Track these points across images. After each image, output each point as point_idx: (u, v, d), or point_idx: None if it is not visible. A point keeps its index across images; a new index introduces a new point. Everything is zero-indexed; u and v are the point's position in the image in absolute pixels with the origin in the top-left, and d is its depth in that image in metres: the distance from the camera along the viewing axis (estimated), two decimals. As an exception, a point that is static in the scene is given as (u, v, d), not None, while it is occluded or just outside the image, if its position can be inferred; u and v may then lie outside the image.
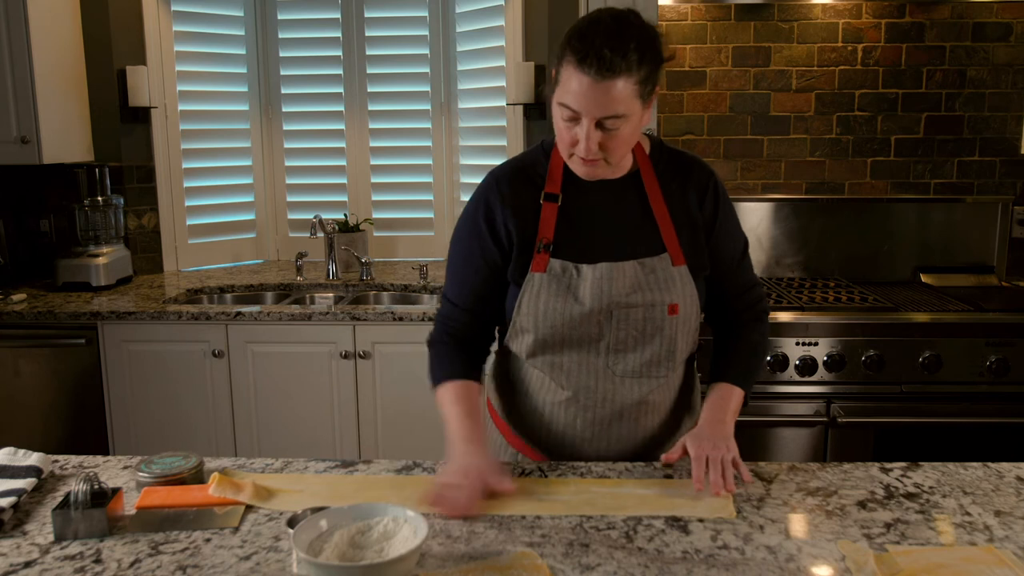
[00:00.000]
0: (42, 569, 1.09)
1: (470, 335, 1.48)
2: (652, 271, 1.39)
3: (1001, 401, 2.54)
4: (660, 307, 1.39)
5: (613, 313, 1.38)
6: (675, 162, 1.46)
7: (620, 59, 1.22)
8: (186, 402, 2.73)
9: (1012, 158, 3.12)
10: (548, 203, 1.41)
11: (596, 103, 1.24)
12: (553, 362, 1.42)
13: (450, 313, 1.48)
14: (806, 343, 2.54)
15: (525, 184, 1.43)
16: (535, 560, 1.09)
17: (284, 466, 1.41)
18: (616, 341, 1.40)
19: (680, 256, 1.41)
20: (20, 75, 2.79)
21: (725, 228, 1.47)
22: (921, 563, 1.08)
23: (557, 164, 1.43)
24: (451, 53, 3.40)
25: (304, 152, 3.53)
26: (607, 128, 1.28)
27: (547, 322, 1.39)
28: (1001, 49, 3.06)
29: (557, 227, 1.40)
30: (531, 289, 1.40)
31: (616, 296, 1.38)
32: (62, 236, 3.23)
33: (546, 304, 1.39)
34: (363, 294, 3.12)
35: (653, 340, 1.40)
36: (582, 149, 1.29)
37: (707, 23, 3.07)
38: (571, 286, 1.38)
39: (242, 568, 1.09)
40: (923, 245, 3.11)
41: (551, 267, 1.39)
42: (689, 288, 1.41)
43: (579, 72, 1.23)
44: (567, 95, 1.26)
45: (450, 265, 1.49)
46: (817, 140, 3.15)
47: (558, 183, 1.42)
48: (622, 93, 1.24)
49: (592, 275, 1.38)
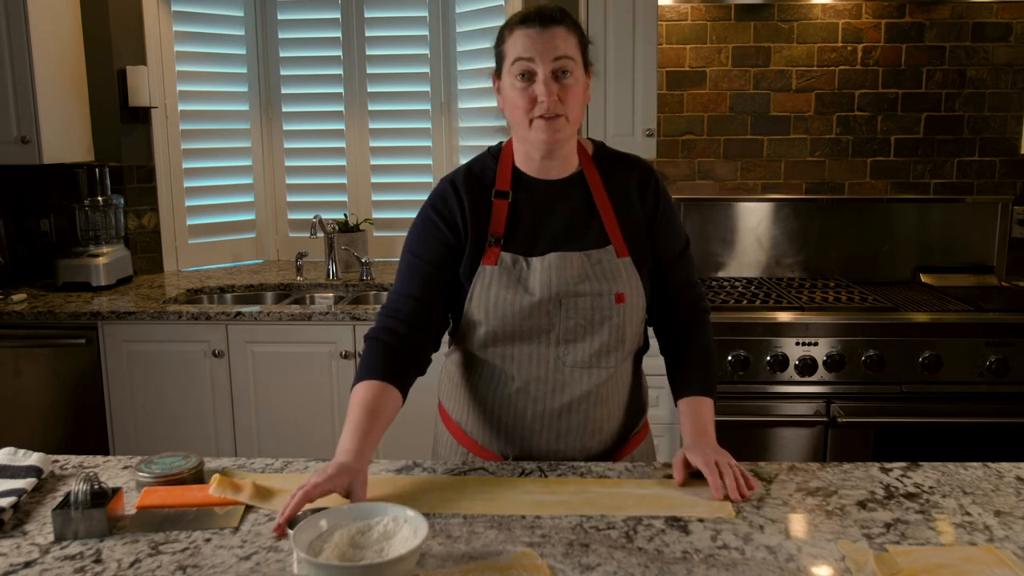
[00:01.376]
0: (42, 569, 1.09)
1: (408, 336, 1.43)
2: (598, 262, 1.44)
3: (1001, 401, 2.54)
4: (607, 296, 1.43)
5: (562, 302, 1.42)
6: (617, 161, 1.53)
7: (558, 13, 1.40)
8: (186, 402, 2.73)
9: (1012, 158, 3.13)
10: (499, 200, 1.48)
11: (546, 46, 1.37)
12: (504, 353, 1.45)
13: (393, 311, 1.46)
14: (806, 343, 2.54)
15: (476, 184, 1.49)
16: (535, 560, 1.09)
17: (284, 466, 1.41)
18: (566, 331, 1.43)
19: (624, 248, 1.46)
20: (20, 75, 2.79)
21: (665, 223, 1.52)
22: (921, 563, 1.08)
23: (506, 164, 1.50)
24: (451, 53, 3.40)
25: (304, 152, 3.53)
26: (561, 78, 1.38)
27: (497, 313, 1.42)
28: (1001, 49, 3.06)
29: (507, 222, 1.46)
30: (482, 281, 1.44)
31: (564, 285, 1.42)
32: (62, 236, 3.23)
33: (497, 295, 1.43)
34: (363, 294, 3.12)
35: (602, 329, 1.43)
36: (543, 103, 1.37)
37: (707, 23, 3.08)
38: (521, 277, 1.43)
39: (242, 568, 1.09)
40: (923, 245, 3.11)
41: (501, 260, 1.44)
42: (634, 279, 1.45)
43: (524, 28, 1.38)
44: (518, 50, 1.38)
45: (400, 266, 1.50)
46: (817, 140, 3.15)
47: (507, 181, 1.49)
48: (566, 41, 1.38)
49: (541, 266, 1.43)
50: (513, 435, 1.49)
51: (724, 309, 2.63)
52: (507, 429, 1.49)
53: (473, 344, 1.48)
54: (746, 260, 3.15)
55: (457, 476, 1.37)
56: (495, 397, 1.49)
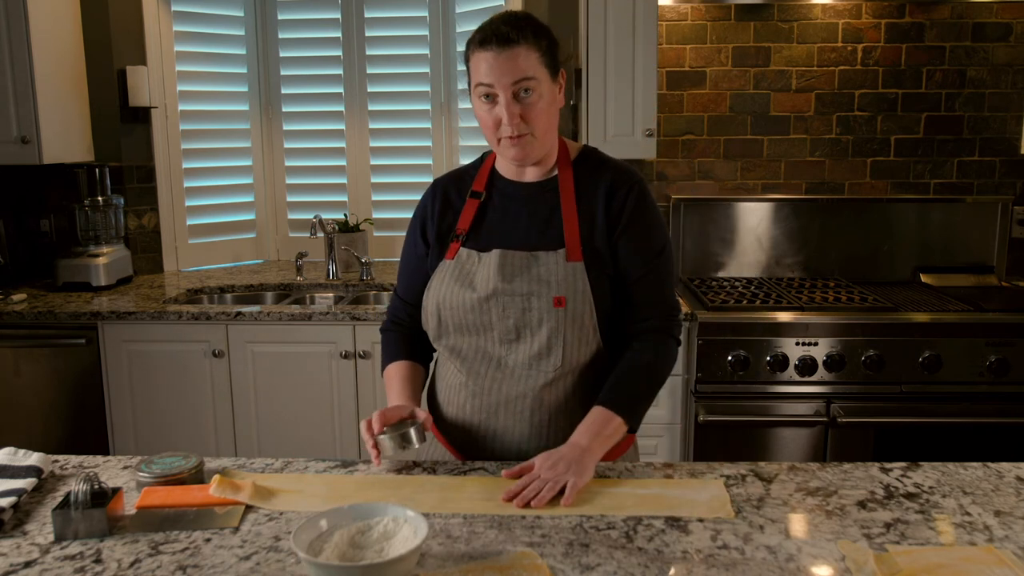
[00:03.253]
0: (42, 569, 1.09)
1: (413, 326, 1.58)
2: (544, 264, 1.43)
3: (1001, 401, 2.54)
4: (544, 298, 1.41)
5: (498, 299, 1.43)
6: (599, 166, 1.51)
7: (516, 31, 1.37)
8: (186, 402, 2.73)
9: (1012, 158, 3.13)
10: (472, 199, 1.53)
11: (503, 70, 1.37)
12: (453, 346, 1.48)
13: (396, 305, 1.63)
14: (806, 343, 2.54)
15: (458, 186, 1.57)
16: (535, 560, 1.09)
17: (284, 466, 1.41)
18: (505, 330, 1.43)
19: (578, 252, 1.43)
20: (20, 75, 2.79)
21: (633, 231, 1.45)
22: (921, 563, 1.08)
23: (487, 167, 1.55)
24: (451, 53, 3.40)
25: (304, 152, 3.53)
26: (522, 99, 1.39)
27: (446, 305, 1.46)
28: (1001, 49, 3.06)
29: (474, 220, 1.50)
30: (439, 275, 1.49)
31: (502, 282, 1.42)
32: (62, 236, 3.23)
33: (447, 288, 1.46)
34: (363, 294, 3.12)
35: (540, 331, 1.42)
36: (506, 125, 1.39)
37: (707, 23, 3.08)
38: (469, 272, 1.46)
39: (242, 568, 1.09)
40: (923, 245, 3.12)
41: (459, 255, 1.49)
42: (581, 284, 1.41)
43: (483, 51, 1.39)
44: (479, 75, 1.40)
45: (400, 263, 1.64)
46: (817, 140, 3.15)
47: (483, 183, 1.54)
48: (526, 60, 1.37)
49: (486, 261, 1.45)
50: (459, 427, 1.51)
51: (724, 309, 2.63)
52: (454, 421, 1.52)
53: (431, 336, 1.52)
54: (746, 260, 3.15)
55: (457, 476, 1.37)
56: (447, 388, 1.53)
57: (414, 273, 1.57)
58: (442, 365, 1.57)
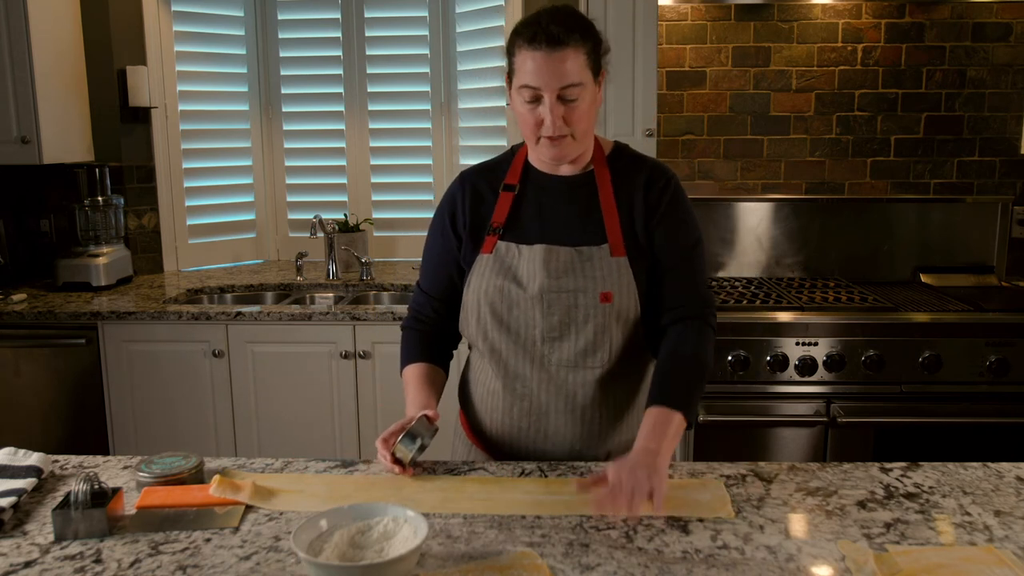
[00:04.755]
0: (42, 569, 1.09)
1: (437, 323, 1.56)
2: (589, 259, 1.43)
3: (1001, 401, 2.54)
4: (591, 294, 1.41)
5: (544, 296, 1.41)
6: (634, 163, 1.51)
7: (566, 32, 1.34)
8: (186, 402, 2.73)
9: (1012, 158, 3.13)
10: (505, 192, 1.50)
11: (552, 74, 1.34)
12: (493, 347, 1.46)
13: (420, 300, 1.59)
14: (806, 343, 2.54)
15: (488, 179, 1.53)
16: (535, 560, 1.09)
17: (284, 466, 1.41)
18: (549, 327, 1.42)
19: (620, 247, 1.44)
20: (20, 75, 2.79)
21: (672, 226, 1.46)
22: (921, 563, 1.08)
23: (520, 159, 1.54)
24: (451, 53, 3.40)
25: (304, 152, 3.53)
26: (567, 100, 1.36)
27: (487, 300, 1.44)
28: (1001, 49, 3.06)
29: (509, 213, 1.48)
30: (478, 269, 1.46)
31: (548, 278, 1.41)
32: (62, 236, 3.23)
33: (488, 283, 1.44)
34: (363, 294, 3.12)
35: (586, 328, 1.41)
36: (548, 126, 1.37)
37: (707, 23, 3.08)
38: (512, 266, 1.44)
39: (242, 568, 1.09)
40: (923, 245, 3.11)
41: (497, 248, 1.46)
42: (626, 279, 1.42)
43: (531, 51, 1.34)
44: (525, 76, 1.36)
45: (423, 257, 1.60)
46: (817, 140, 3.15)
47: (517, 175, 1.51)
48: (574, 63, 1.34)
49: (529, 255, 1.43)
50: (503, 433, 1.49)
51: (724, 309, 2.63)
52: (498, 427, 1.49)
53: (468, 334, 1.50)
54: (746, 260, 3.15)
55: (457, 476, 1.37)
56: (487, 393, 1.50)
57: (440, 267, 1.55)
58: (477, 368, 1.53)
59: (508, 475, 1.37)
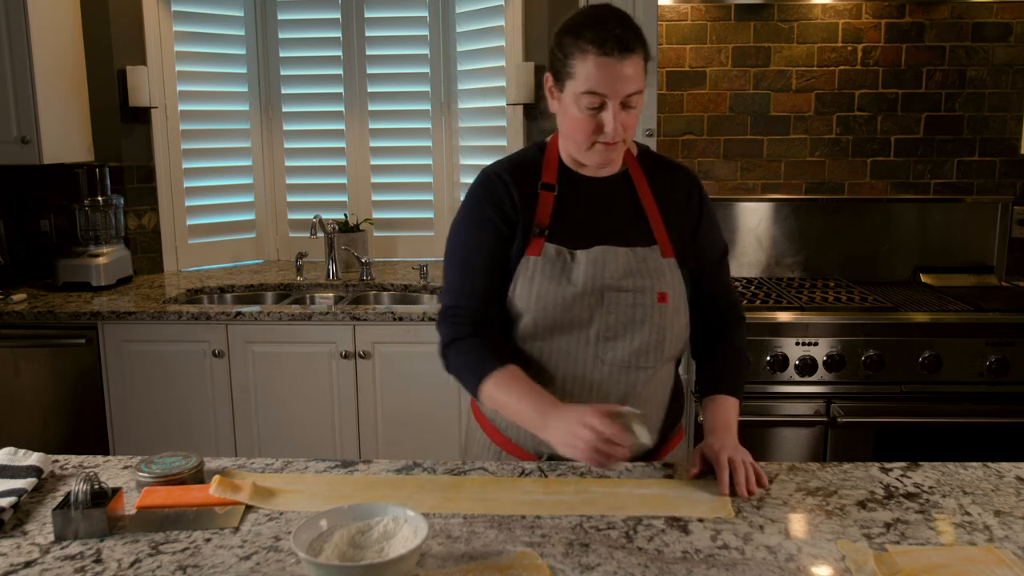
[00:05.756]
0: (42, 569, 1.09)
1: (489, 325, 1.46)
2: (643, 259, 1.44)
3: (1001, 401, 2.54)
4: (650, 294, 1.42)
5: (604, 296, 1.41)
6: (662, 165, 1.54)
7: (634, 38, 1.33)
8: (186, 402, 2.73)
9: (1012, 158, 3.13)
10: (545, 192, 1.47)
11: (622, 81, 1.32)
12: (543, 348, 1.44)
13: (463, 308, 1.46)
14: (806, 343, 2.54)
15: (522, 176, 1.48)
16: (535, 560, 1.09)
17: (284, 466, 1.41)
18: (606, 327, 1.42)
19: (669, 248, 1.46)
20: (20, 75, 2.79)
21: (708, 228, 1.53)
22: (921, 563, 1.08)
23: (552, 158, 1.49)
24: (451, 53, 3.40)
25: (304, 152, 3.53)
26: (629, 106, 1.35)
27: (540, 304, 1.41)
28: (1001, 49, 3.06)
29: (553, 215, 1.45)
30: (526, 272, 1.43)
31: (608, 279, 1.41)
32: (62, 236, 3.23)
33: (540, 286, 1.42)
34: (363, 294, 3.12)
35: (642, 328, 1.42)
36: (610, 132, 1.35)
37: (707, 23, 3.08)
38: (565, 269, 1.42)
39: (242, 568, 1.09)
40: (923, 245, 3.11)
41: (546, 251, 1.43)
42: (678, 280, 1.46)
43: (602, 57, 1.31)
44: (590, 82, 1.32)
45: (455, 262, 1.48)
46: (817, 140, 3.15)
47: (554, 175, 1.48)
48: (638, 69, 1.34)
49: (586, 258, 1.42)
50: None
51: (724, 309, 2.63)
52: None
53: (513, 337, 1.46)
54: (746, 260, 3.15)
55: (457, 476, 1.37)
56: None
57: (493, 266, 1.45)
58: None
59: (508, 475, 1.37)
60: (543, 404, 1.34)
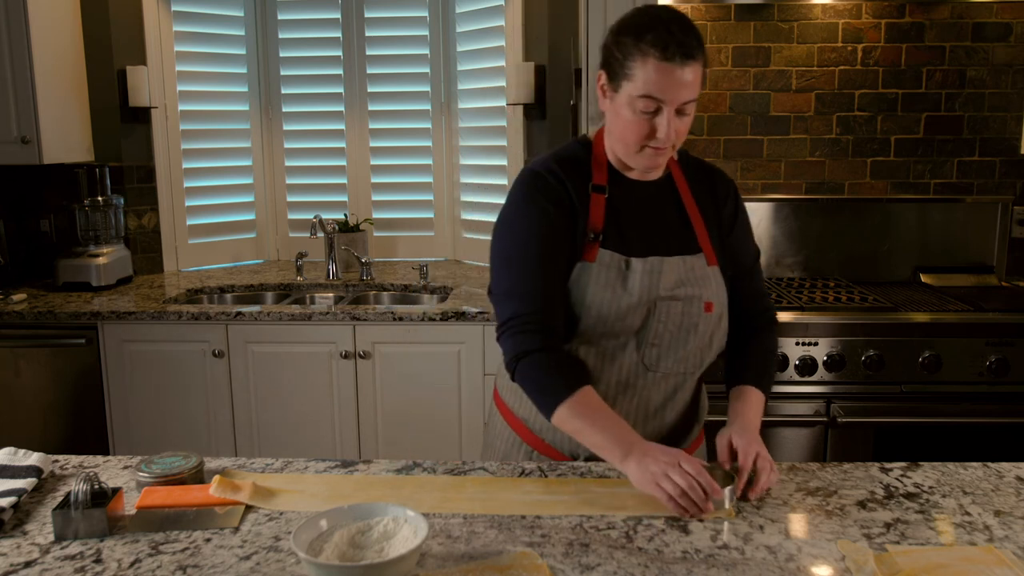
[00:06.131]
0: (42, 569, 1.09)
1: (556, 331, 1.38)
2: (692, 268, 1.43)
3: (1001, 401, 2.54)
4: (698, 303, 1.42)
5: (656, 305, 1.40)
6: (700, 169, 1.53)
7: (696, 43, 1.31)
8: (186, 402, 2.73)
9: (1012, 158, 3.12)
10: (596, 194, 1.43)
11: (682, 88, 1.31)
12: (588, 352, 1.42)
13: (526, 315, 1.37)
14: (806, 343, 2.54)
15: (572, 174, 1.43)
16: (535, 560, 1.09)
17: (284, 466, 1.41)
18: (654, 335, 1.41)
19: (713, 257, 1.46)
20: (20, 75, 2.79)
21: (742, 233, 1.53)
22: (921, 563, 1.08)
23: (601, 158, 1.46)
24: (451, 53, 3.40)
25: (304, 152, 3.53)
26: (683, 113, 1.34)
27: (593, 311, 1.39)
28: (1001, 49, 3.06)
29: (605, 219, 1.42)
30: (581, 278, 1.40)
31: (663, 289, 1.40)
32: (62, 236, 3.23)
33: (594, 294, 1.39)
34: (363, 294, 3.12)
35: (689, 337, 1.43)
36: (663, 138, 1.33)
37: (707, 23, 3.07)
38: (620, 277, 1.40)
39: (242, 568, 1.09)
40: (923, 245, 3.11)
41: (601, 257, 1.40)
42: (721, 288, 1.46)
43: (663, 62, 1.29)
44: (648, 86, 1.30)
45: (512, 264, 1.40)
46: (817, 140, 3.15)
47: (604, 176, 1.44)
48: (697, 77, 1.33)
49: (642, 268, 1.40)
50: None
51: (724, 309, 2.63)
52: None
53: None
54: (746, 260, 3.14)
55: (457, 476, 1.37)
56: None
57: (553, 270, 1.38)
58: None
59: (508, 475, 1.37)
60: (625, 437, 1.28)
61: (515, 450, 1.54)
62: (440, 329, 2.64)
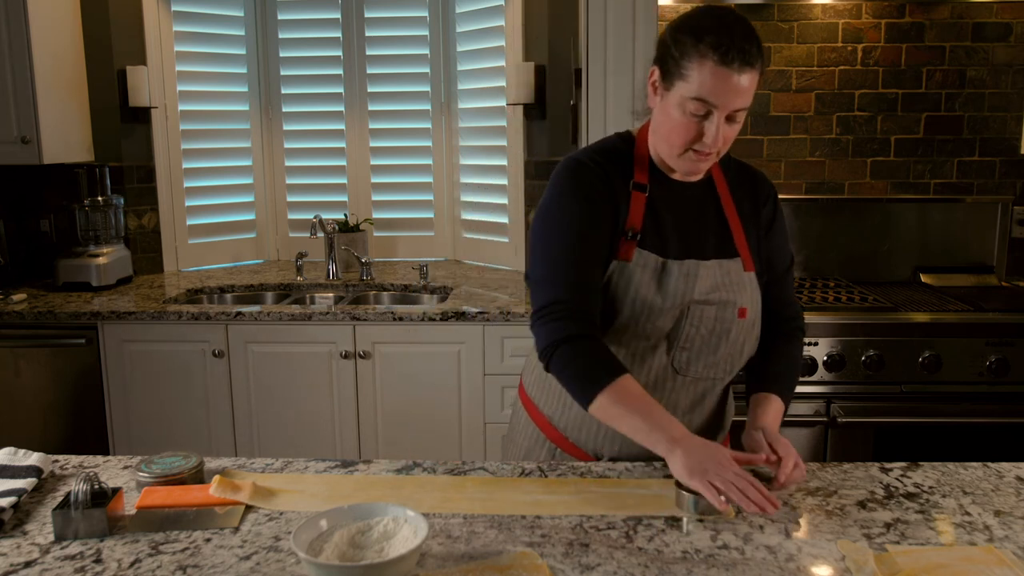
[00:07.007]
0: (42, 569, 1.09)
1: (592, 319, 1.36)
2: (728, 273, 1.42)
3: (1001, 401, 2.54)
4: (732, 308, 1.41)
5: (690, 308, 1.39)
6: (742, 172, 1.51)
7: (756, 50, 1.28)
8: (186, 402, 2.73)
9: (1012, 158, 3.13)
10: (637, 192, 1.40)
11: (737, 95, 1.27)
12: (617, 351, 1.40)
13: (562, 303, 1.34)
14: (806, 343, 2.54)
15: (614, 168, 1.41)
16: (535, 560, 1.09)
17: (284, 466, 1.41)
18: (686, 339, 1.40)
19: (750, 262, 1.45)
20: (20, 75, 2.79)
21: (778, 239, 1.51)
22: (921, 563, 1.08)
23: (643, 155, 1.43)
24: (451, 53, 3.40)
25: (304, 152, 3.53)
26: (733, 120, 1.31)
27: (625, 311, 1.38)
28: (1001, 49, 3.06)
29: (644, 218, 1.40)
30: (617, 277, 1.38)
31: (697, 293, 1.39)
32: (62, 236, 3.23)
33: (627, 293, 1.38)
34: (363, 294, 3.12)
35: (721, 342, 1.41)
36: (709, 143, 1.30)
37: (707, 23, 3.07)
38: (656, 279, 1.38)
39: (242, 568, 1.09)
40: (923, 245, 3.11)
41: (638, 257, 1.38)
42: (756, 294, 1.44)
43: (721, 67, 1.25)
44: (703, 89, 1.27)
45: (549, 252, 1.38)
46: (817, 140, 3.15)
47: (646, 174, 1.42)
48: (752, 85, 1.29)
49: (679, 270, 1.38)
50: (603, 438, 1.47)
51: (724, 309, 2.63)
52: (599, 431, 1.46)
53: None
54: (746, 260, 3.14)
55: (457, 476, 1.37)
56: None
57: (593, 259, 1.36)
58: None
59: (508, 475, 1.37)
60: (672, 426, 1.26)
61: (538, 447, 1.53)
62: (440, 329, 2.64)
